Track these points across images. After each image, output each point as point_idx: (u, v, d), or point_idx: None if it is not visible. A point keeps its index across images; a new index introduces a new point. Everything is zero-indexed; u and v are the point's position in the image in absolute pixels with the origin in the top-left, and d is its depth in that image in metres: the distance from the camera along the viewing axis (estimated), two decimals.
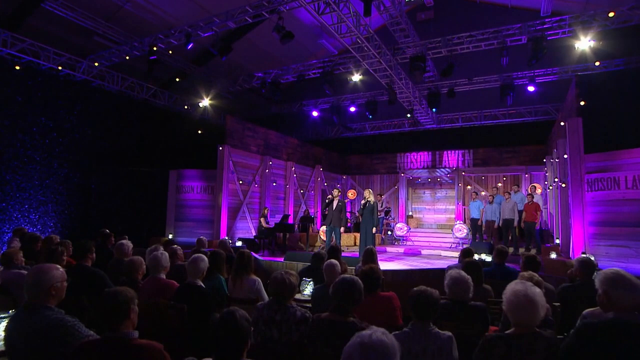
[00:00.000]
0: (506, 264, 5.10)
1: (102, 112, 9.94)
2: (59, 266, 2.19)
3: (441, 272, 6.48)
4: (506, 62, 8.68)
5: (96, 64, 9.52)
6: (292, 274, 2.60)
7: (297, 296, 4.08)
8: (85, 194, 9.27)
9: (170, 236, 9.97)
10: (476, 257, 6.68)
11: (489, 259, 6.59)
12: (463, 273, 3.00)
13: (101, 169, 9.67)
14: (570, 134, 6.63)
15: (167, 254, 3.66)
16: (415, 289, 2.41)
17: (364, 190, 8.21)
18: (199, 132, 10.78)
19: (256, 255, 8.30)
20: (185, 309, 3.11)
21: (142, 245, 9.65)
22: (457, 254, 10.07)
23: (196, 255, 3.64)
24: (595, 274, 3.67)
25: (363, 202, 8.07)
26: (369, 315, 3.08)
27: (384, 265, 7.61)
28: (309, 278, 4.12)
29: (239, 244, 8.32)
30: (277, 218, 11.99)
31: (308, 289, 4.03)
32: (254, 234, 11.01)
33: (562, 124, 7.28)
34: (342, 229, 8.37)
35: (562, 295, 3.47)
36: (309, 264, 6.63)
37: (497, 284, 4.46)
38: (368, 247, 5.30)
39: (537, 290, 2.07)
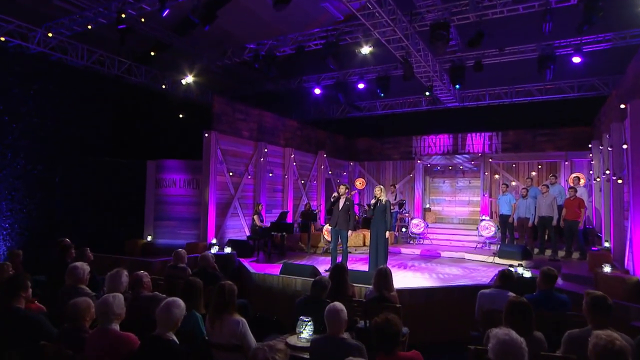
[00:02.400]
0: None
1: (65, 91, 9.30)
2: None
3: (470, 291, 5.91)
4: (549, 29, 7.86)
5: (50, 35, 8.78)
6: (278, 350, 2.01)
7: (292, 341, 3.52)
8: (48, 190, 8.76)
9: (149, 238, 9.53)
10: (510, 269, 6.11)
11: (527, 274, 5.99)
12: (514, 335, 2.41)
13: (67, 160, 9.12)
14: (633, 119, 5.92)
15: (121, 297, 3.08)
16: None
17: (375, 188, 7.63)
18: (180, 116, 10.13)
19: (247, 264, 7.79)
20: None
21: (117, 250, 9.29)
22: (484, 258, 9.68)
23: (170, 299, 3.08)
24: None
25: (373, 201, 7.51)
26: None
27: (398, 278, 7.10)
28: (307, 316, 3.54)
29: (228, 249, 7.80)
30: (275, 213, 11.51)
31: (306, 332, 3.47)
32: (247, 233, 10.53)
33: (622, 106, 6.54)
34: (349, 232, 7.78)
35: None
36: (311, 280, 6.15)
37: (545, 320, 3.89)
38: (381, 267, 4.73)
39: None
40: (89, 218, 9.16)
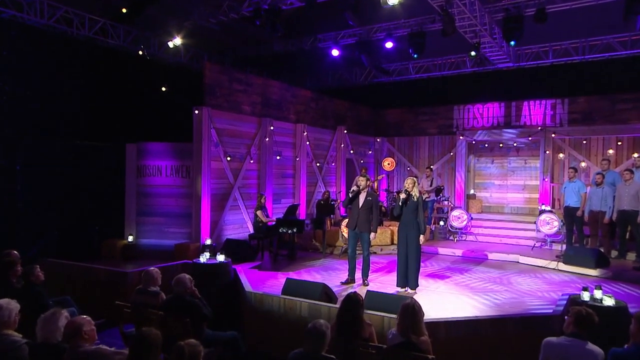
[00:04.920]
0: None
1: (24, 58, 8.69)
2: None
3: (529, 324, 5.09)
4: None
5: None
6: None
7: None
8: (7, 179, 8.31)
9: (131, 238, 9.07)
10: (583, 294, 5.25)
11: (609, 301, 5.08)
12: None
13: (29, 144, 8.63)
14: None
15: None
16: None
17: (405, 180, 6.85)
18: (163, 89, 9.41)
19: (245, 274, 7.16)
20: None
21: (92, 253, 8.87)
22: (544, 263, 8.78)
23: None
24: None
25: (403, 196, 6.70)
26: None
27: (431, 297, 6.45)
28: None
29: (220, 257, 7.16)
30: (285, 204, 11.06)
31: None
32: (250, 229, 9.98)
33: None
34: (372, 235, 7.06)
35: None
36: (319, 304, 5.49)
37: None
38: (408, 302, 3.99)
39: None
40: (57, 214, 8.68)
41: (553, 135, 12.11)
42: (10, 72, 8.46)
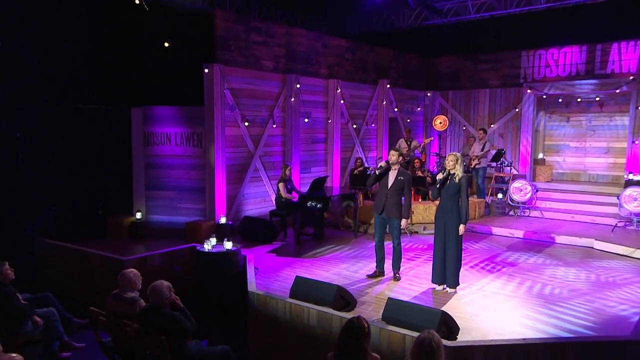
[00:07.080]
0: None
1: (20, 10, 8.27)
2: None
3: (600, 351, 4.22)
4: None
5: None
6: None
7: None
8: (6, 147, 8.16)
9: (139, 215, 8.82)
10: None
11: None
12: None
13: (30, 108, 8.38)
14: None
15: None
16: None
17: (447, 156, 5.99)
18: (166, 44, 8.74)
19: (251, 268, 6.65)
20: None
21: (97, 231, 8.71)
22: (627, 250, 7.70)
23: None
24: None
25: (442, 175, 5.88)
26: None
27: (474, 298, 5.77)
28: None
29: (228, 245, 6.64)
30: (315, 173, 10.50)
31: None
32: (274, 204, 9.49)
33: None
34: (403, 221, 6.33)
35: None
36: (330, 313, 4.90)
37: None
38: (424, 337, 3.23)
39: None
40: (60, 187, 8.48)
41: None
42: (6, 27, 8.10)
